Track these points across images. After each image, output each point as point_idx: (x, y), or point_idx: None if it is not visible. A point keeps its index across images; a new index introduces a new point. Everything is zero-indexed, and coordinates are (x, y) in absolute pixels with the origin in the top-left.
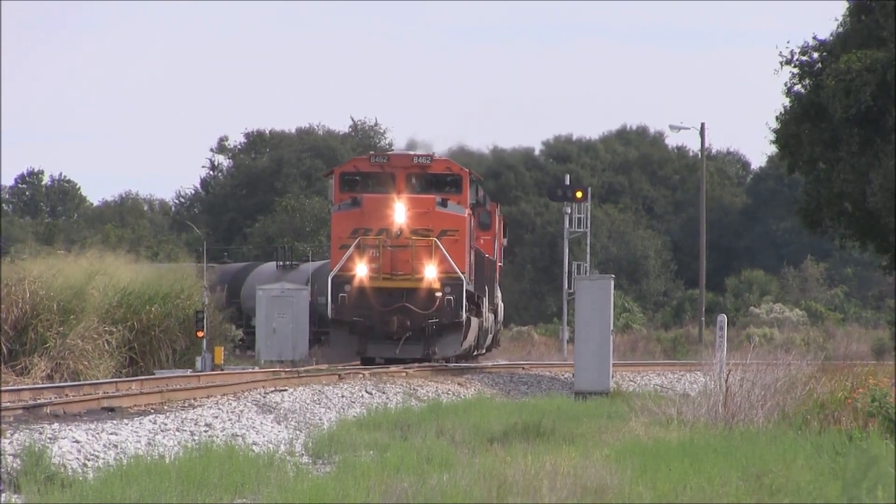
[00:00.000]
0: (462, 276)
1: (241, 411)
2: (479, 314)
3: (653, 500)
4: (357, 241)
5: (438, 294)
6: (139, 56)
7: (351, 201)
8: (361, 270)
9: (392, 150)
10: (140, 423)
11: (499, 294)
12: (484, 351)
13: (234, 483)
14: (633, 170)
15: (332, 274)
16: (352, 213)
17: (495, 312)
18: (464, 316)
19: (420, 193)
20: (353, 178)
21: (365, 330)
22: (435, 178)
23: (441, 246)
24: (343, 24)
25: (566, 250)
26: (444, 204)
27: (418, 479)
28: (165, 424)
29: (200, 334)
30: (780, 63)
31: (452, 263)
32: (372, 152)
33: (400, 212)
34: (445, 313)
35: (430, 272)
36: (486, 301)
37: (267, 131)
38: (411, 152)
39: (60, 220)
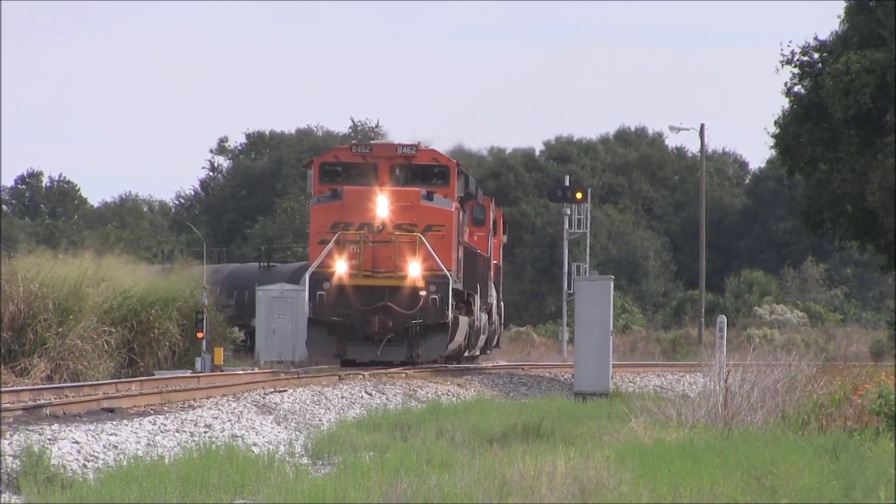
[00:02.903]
0: (448, 274)
1: (241, 412)
2: (469, 313)
3: (652, 500)
4: (337, 235)
5: (423, 293)
6: (139, 56)
7: (331, 193)
8: (341, 267)
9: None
10: (140, 424)
11: (494, 293)
12: (477, 352)
13: (233, 484)
14: (632, 170)
15: (309, 271)
16: (331, 206)
17: (489, 312)
18: (450, 316)
19: (404, 185)
20: (333, 168)
21: (344, 330)
22: (420, 170)
23: (426, 242)
24: (343, 24)
25: (566, 251)
26: (429, 197)
27: (418, 479)
28: (165, 425)
29: (200, 335)
30: (781, 63)
31: (438, 260)
32: (354, 141)
33: (382, 205)
34: (430, 313)
35: (414, 270)
36: (477, 299)
37: (267, 132)
38: (395, 142)
39: (60, 221)
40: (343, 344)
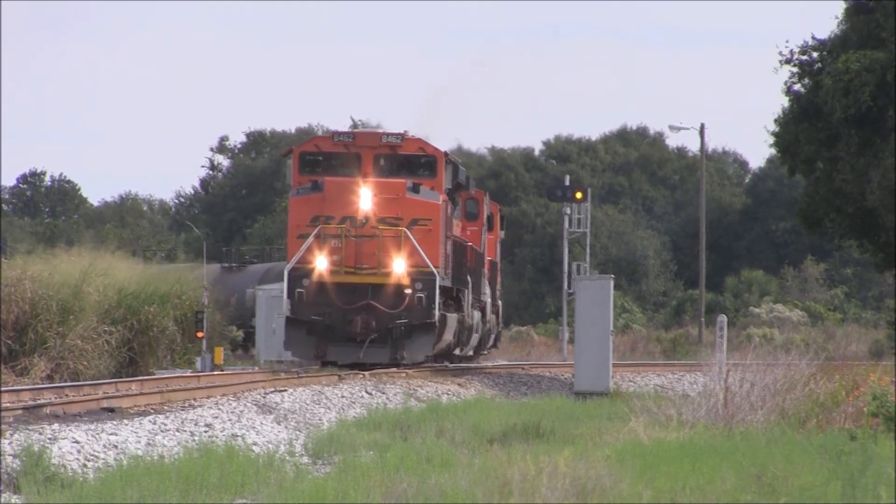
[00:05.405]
0: (435, 271)
1: (241, 411)
2: (459, 310)
3: (652, 500)
4: (317, 229)
5: (408, 291)
6: (139, 56)
7: (311, 185)
8: (321, 263)
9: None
10: (140, 424)
11: (488, 291)
12: (471, 351)
13: (233, 483)
14: (633, 170)
15: (287, 267)
16: (312, 199)
17: (483, 310)
18: (436, 315)
19: (389, 177)
20: (314, 158)
21: (325, 330)
22: (406, 160)
23: (411, 236)
24: (343, 24)
25: (566, 251)
26: (415, 189)
27: (418, 479)
28: (165, 425)
29: (200, 335)
30: (780, 62)
31: (424, 256)
32: (336, 130)
33: (365, 197)
34: (415, 313)
35: (399, 266)
36: (468, 295)
37: (267, 131)
38: (380, 130)
39: (60, 221)
40: (323, 345)
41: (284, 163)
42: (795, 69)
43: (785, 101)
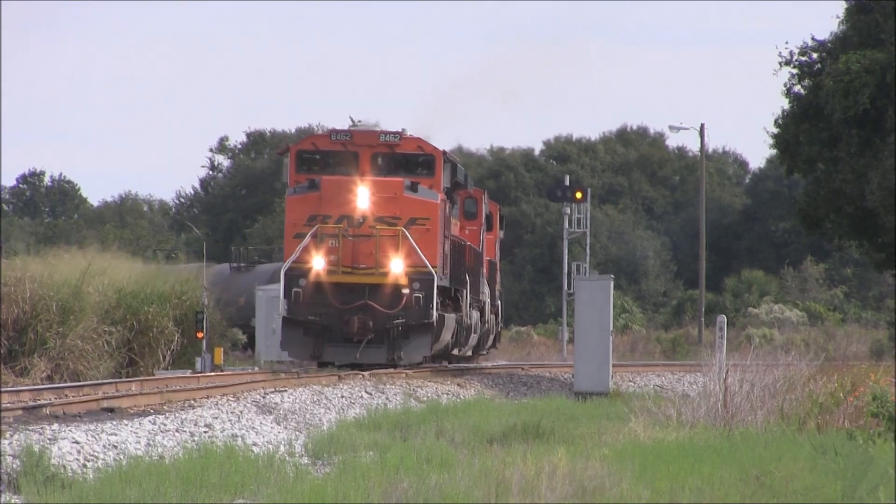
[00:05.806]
0: (433, 271)
1: (241, 412)
2: (457, 309)
3: (651, 500)
4: (314, 229)
5: (405, 291)
6: (139, 56)
7: (308, 184)
8: (318, 263)
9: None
10: (140, 424)
11: (487, 291)
12: (469, 352)
13: (233, 483)
14: (632, 170)
15: (284, 266)
16: (309, 198)
17: (482, 310)
18: (434, 315)
19: (387, 175)
20: (311, 156)
21: (321, 331)
22: (405, 159)
23: (409, 236)
24: (343, 23)
25: (565, 251)
26: (413, 188)
27: (418, 479)
28: (165, 425)
29: (200, 335)
30: (780, 63)
31: (422, 256)
32: (333, 128)
33: (363, 197)
34: (413, 313)
35: (397, 266)
36: (466, 295)
37: (267, 131)
38: (377, 129)
39: (60, 221)
40: (320, 345)
41: (282, 161)
42: (795, 70)
43: (785, 103)
